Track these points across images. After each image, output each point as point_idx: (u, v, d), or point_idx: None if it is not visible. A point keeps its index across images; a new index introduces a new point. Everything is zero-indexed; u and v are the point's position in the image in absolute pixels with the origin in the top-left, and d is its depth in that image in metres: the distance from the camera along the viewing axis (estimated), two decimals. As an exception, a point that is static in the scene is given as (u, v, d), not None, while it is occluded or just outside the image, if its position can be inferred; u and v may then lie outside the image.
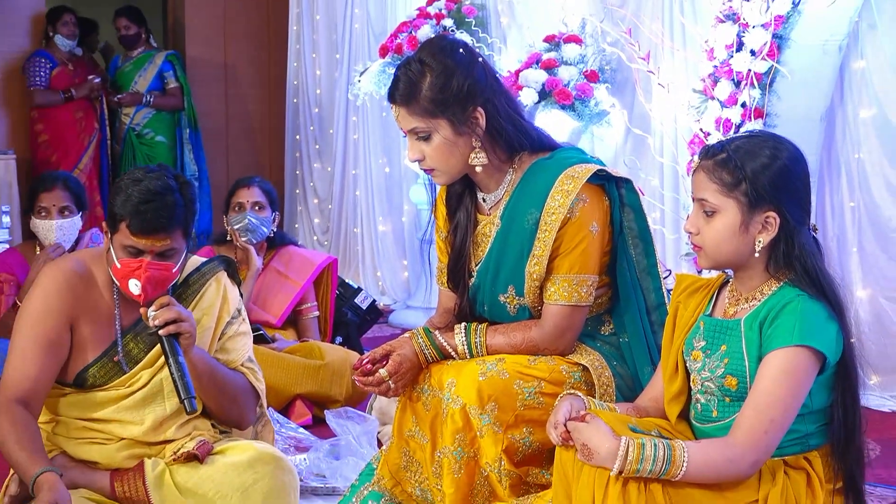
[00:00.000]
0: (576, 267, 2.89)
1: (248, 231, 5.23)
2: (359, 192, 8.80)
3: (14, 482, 3.21)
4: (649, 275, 3.01)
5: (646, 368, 2.97)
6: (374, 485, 3.07)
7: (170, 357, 3.12)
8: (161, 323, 3.11)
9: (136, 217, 3.13)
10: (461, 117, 2.88)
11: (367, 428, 4.19)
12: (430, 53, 2.92)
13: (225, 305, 3.44)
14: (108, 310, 3.32)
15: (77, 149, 8.96)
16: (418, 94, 2.89)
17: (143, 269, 3.15)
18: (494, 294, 3.01)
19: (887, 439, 4.71)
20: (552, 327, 2.91)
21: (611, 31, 6.40)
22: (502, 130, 2.93)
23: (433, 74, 2.88)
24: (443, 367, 2.90)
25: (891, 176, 5.35)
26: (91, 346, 3.28)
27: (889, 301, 5.37)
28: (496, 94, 2.94)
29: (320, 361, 5.04)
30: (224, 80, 10.23)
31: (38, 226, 5.00)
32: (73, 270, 3.30)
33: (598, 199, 2.92)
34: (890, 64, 5.32)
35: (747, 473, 2.49)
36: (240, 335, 3.47)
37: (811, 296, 2.51)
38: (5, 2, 9.23)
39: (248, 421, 3.47)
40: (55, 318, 3.23)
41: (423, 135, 2.94)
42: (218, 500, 3.23)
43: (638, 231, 2.99)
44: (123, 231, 3.16)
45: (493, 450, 2.76)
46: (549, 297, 2.92)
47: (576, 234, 2.87)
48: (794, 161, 2.57)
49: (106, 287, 3.32)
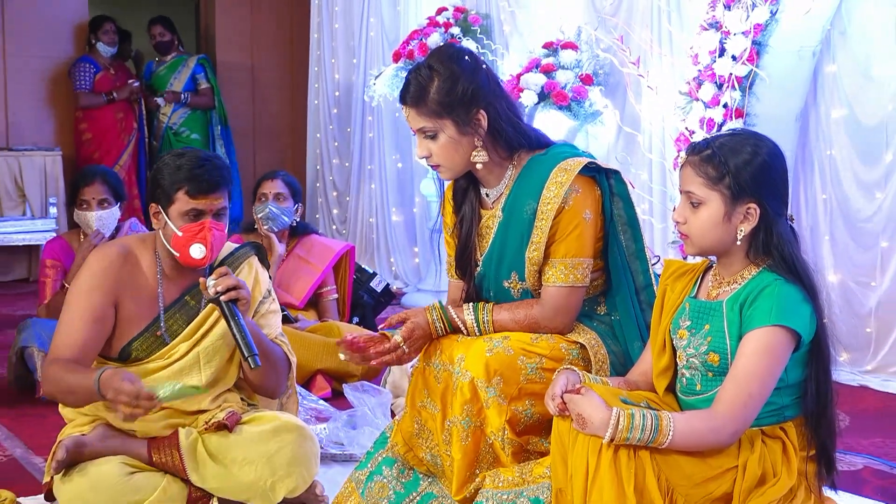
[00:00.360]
0: (571, 251, 2.89)
1: (268, 219, 5.24)
2: (374, 185, 8.80)
3: (61, 448, 3.21)
4: (637, 258, 3.01)
5: (635, 344, 2.97)
6: (387, 451, 3.07)
7: (231, 320, 3.12)
8: (223, 289, 3.12)
9: (194, 181, 3.19)
10: (465, 119, 2.89)
11: (381, 400, 4.19)
12: (438, 60, 2.93)
13: (257, 286, 3.45)
14: (151, 289, 3.33)
15: (118, 147, 9.01)
16: (427, 96, 2.90)
17: (207, 229, 3.19)
18: (499, 280, 3.01)
19: (856, 411, 4.71)
20: (551, 307, 2.91)
21: (604, 38, 6.40)
22: (502, 131, 2.94)
23: (440, 79, 2.89)
24: (453, 344, 2.91)
25: (860, 171, 5.35)
26: (135, 323, 3.30)
27: (858, 285, 5.36)
28: (497, 98, 2.95)
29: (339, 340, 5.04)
30: (251, 84, 10.25)
31: (80, 217, 5.02)
32: (118, 253, 3.32)
33: (589, 189, 2.92)
34: (859, 68, 5.31)
35: (728, 442, 2.49)
36: (271, 313, 3.49)
37: (787, 280, 2.51)
38: (51, 12, 9.29)
39: (281, 389, 3.47)
40: (101, 295, 3.24)
41: (430, 134, 2.94)
42: (246, 466, 3.24)
43: (627, 218, 2.99)
44: (182, 199, 3.21)
45: (497, 420, 2.76)
46: (548, 280, 2.92)
47: (570, 222, 2.88)
48: (773, 157, 2.57)
49: (149, 268, 3.34)
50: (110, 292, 3.26)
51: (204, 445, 3.24)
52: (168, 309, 3.33)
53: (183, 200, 3.20)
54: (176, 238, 3.22)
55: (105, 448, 3.22)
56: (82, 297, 3.23)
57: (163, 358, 3.31)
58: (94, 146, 8.93)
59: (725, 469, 2.49)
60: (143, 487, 3.16)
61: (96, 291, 3.24)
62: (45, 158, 8.81)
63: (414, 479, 3.02)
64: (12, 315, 7.14)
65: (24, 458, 4.07)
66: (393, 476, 3.03)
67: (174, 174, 3.21)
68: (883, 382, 5.11)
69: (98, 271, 3.27)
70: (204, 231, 3.19)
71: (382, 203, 8.70)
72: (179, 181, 3.20)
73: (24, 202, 8.72)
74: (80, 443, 3.20)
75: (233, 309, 3.12)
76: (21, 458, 4.07)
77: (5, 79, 9.16)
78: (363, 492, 3.04)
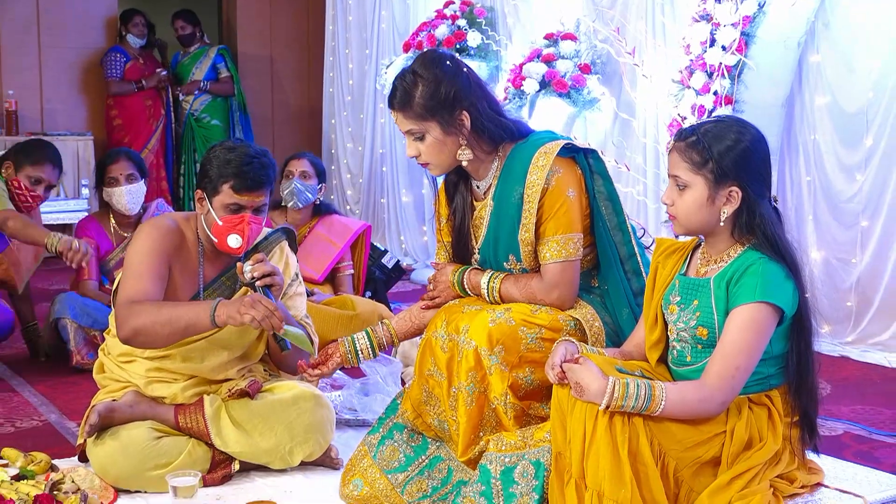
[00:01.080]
0: (560, 228, 2.90)
1: (293, 195, 5.26)
2: (385, 168, 8.79)
3: (94, 413, 3.23)
4: (620, 230, 3.02)
5: (623, 311, 2.98)
6: (398, 417, 3.08)
7: None
8: (259, 275, 3.11)
9: (240, 177, 3.18)
10: (449, 120, 2.91)
11: (392, 369, 4.20)
12: (422, 65, 2.94)
13: (287, 269, 3.46)
14: (193, 266, 3.34)
15: (147, 131, 9.02)
16: (412, 101, 2.92)
17: (245, 222, 3.19)
18: (499, 263, 3.02)
19: (837, 379, 4.71)
20: (548, 282, 2.92)
21: (602, 29, 6.37)
22: (485, 128, 2.95)
23: (424, 84, 2.90)
24: (459, 315, 2.91)
25: (842, 155, 5.33)
26: (177, 294, 3.30)
27: (839, 262, 5.36)
28: (478, 98, 2.95)
29: (352, 312, 5.05)
30: (270, 72, 10.24)
31: (109, 193, 5.01)
32: (169, 226, 3.32)
33: (570, 168, 2.93)
34: (842, 58, 5.29)
35: (717, 412, 2.49)
36: (298, 295, 3.50)
37: (770, 258, 2.51)
38: (82, 6, 9.33)
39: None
40: (160, 256, 3.23)
41: (417, 135, 2.95)
42: (266, 432, 3.26)
43: (607, 194, 3.01)
44: (226, 192, 3.20)
45: (500, 385, 2.77)
46: (543, 258, 2.93)
47: (556, 201, 2.89)
48: (755, 143, 2.56)
49: (192, 246, 3.35)
50: (167, 256, 3.26)
51: (227, 412, 3.25)
52: (207, 287, 3.34)
53: (227, 193, 3.20)
54: (216, 226, 3.23)
55: (135, 413, 3.23)
56: (144, 257, 3.21)
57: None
58: (125, 131, 8.95)
59: (714, 434, 2.50)
60: (170, 451, 3.18)
61: (156, 253, 3.23)
62: (77, 143, 8.83)
63: (423, 444, 3.03)
64: (47, 289, 7.15)
65: (59, 423, 4.09)
66: (403, 440, 3.04)
67: (223, 168, 3.19)
68: (862, 353, 5.11)
69: (157, 237, 3.26)
70: (243, 224, 3.20)
71: (393, 184, 8.70)
72: (226, 175, 3.19)
73: (59, 184, 8.73)
74: (112, 408, 3.21)
75: (267, 294, 3.12)
76: (56, 423, 4.09)
77: (41, 68, 9.18)
78: (375, 455, 3.05)
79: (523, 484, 2.66)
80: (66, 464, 3.34)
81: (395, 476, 2.99)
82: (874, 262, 5.20)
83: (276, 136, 10.23)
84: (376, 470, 3.03)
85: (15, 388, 4.62)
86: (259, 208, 3.24)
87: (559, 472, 2.52)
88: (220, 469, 3.27)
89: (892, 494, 2.65)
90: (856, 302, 5.27)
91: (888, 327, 5.12)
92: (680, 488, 2.48)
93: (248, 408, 3.26)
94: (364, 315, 5.06)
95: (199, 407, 3.25)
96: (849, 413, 4.21)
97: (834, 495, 2.63)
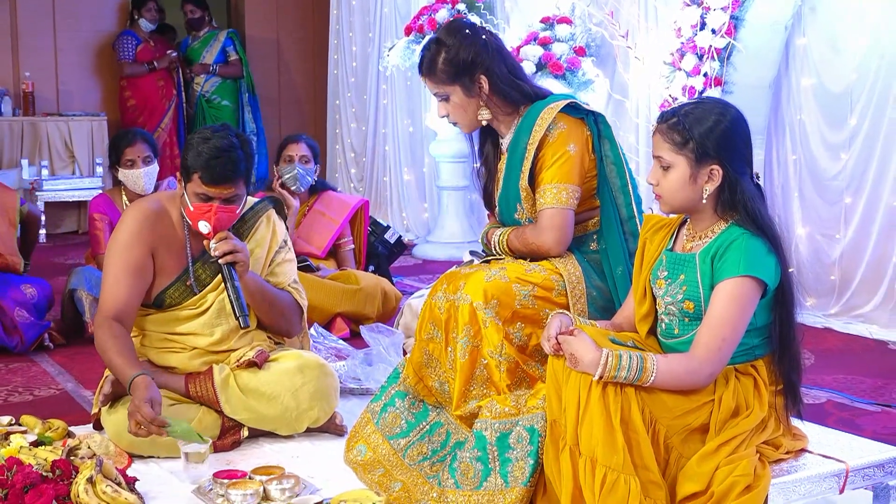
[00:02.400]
0: (556, 178, 2.96)
1: (296, 180, 5.22)
2: (388, 147, 8.78)
3: (108, 383, 3.23)
4: (622, 192, 3.07)
5: (619, 269, 3.02)
6: (399, 385, 3.08)
7: (227, 282, 3.15)
8: (220, 253, 3.14)
9: (207, 171, 3.14)
10: (469, 83, 3.04)
11: (394, 340, 4.20)
12: (444, 34, 3.09)
13: (274, 238, 3.45)
14: (180, 242, 3.33)
15: (160, 111, 9.03)
16: (435, 67, 3.06)
17: (213, 212, 3.17)
18: (511, 214, 3.09)
19: (820, 350, 4.71)
20: (539, 225, 2.98)
21: (596, 13, 6.36)
22: (502, 91, 3.06)
23: (445, 51, 3.04)
24: (457, 276, 2.95)
25: (827, 134, 5.33)
26: (167, 273, 3.30)
27: (824, 237, 5.36)
28: (497, 63, 3.06)
29: (356, 286, 5.05)
30: (276, 55, 10.23)
31: (126, 175, 4.98)
32: (151, 209, 3.31)
33: (577, 127, 3.00)
34: (827, 40, 5.28)
35: (705, 383, 2.49)
36: (287, 262, 3.48)
37: (753, 233, 2.50)
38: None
39: (295, 331, 3.50)
40: (139, 247, 3.24)
41: (443, 97, 3.09)
42: (273, 400, 3.26)
43: (613, 157, 3.07)
44: (196, 181, 3.17)
45: (495, 337, 2.80)
46: (539, 204, 2.99)
47: (555, 152, 2.96)
48: (735, 123, 2.56)
49: (178, 223, 3.33)
50: (147, 244, 3.25)
51: (235, 381, 3.26)
52: (196, 261, 3.33)
53: (197, 183, 3.17)
54: (188, 211, 3.22)
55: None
56: (123, 252, 3.23)
57: (194, 307, 3.32)
58: (139, 111, 8.95)
59: (703, 402, 2.50)
60: (181, 418, 3.18)
61: (135, 246, 3.23)
62: (91, 123, 8.84)
63: (423, 410, 3.03)
64: (63, 263, 7.15)
65: (75, 392, 4.10)
66: (405, 407, 3.04)
67: (195, 158, 3.16)
68: (845, 325, 5.12)
69: (135, 227, 3.26)
70: (210, 213, 3.17)
71: (395, 163, 8.69)
72: (196, 167, 3.16)
73: (74, 162, 8.75)
74: (125, 378, 3.21)
75: (230, 271, 3.14)
76: (72, 392, 4.10)
77: (56, 51, 9.20)
78: (378, 422, 3.05)
79: (519, 449, 2.67)
80: (82, 431, 3.35)
81: (398, 441, 3.00)
82: (857, 237, 5.20)
83: (283, 116, 10.23)
84: (379, 436, 3.03)
85: (33, 358, 4.63)
86: (229, 199, 3.20)
87: (554, 439, 2.52)
88: (229, 435, 3.27)
89: (872, 460, 2.66)
90: (839, 276, 5.27)
91: (870, 300, 5.12)
92: (670, 454, 2.48)
93: (256, 377, 3.26)
94: (367, 289, 5.07)
95: (208, 376, 3.25)
96: (832, 382, 4.21)
97: (817, 461, 2.64)
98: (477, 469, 2.71)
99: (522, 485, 2.64)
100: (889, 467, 2.68)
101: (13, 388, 4.15)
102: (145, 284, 3.26)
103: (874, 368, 4.43)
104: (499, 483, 2.67)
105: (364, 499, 2.70)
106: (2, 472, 2.71)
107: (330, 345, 4.39)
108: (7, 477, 2.69)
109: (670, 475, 2.48)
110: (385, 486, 2.90)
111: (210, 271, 3.32)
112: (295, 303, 3.45)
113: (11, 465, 2.74)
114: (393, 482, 2.91)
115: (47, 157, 8.65)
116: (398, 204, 8.68)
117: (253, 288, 3.26)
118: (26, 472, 2.70)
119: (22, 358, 4.61)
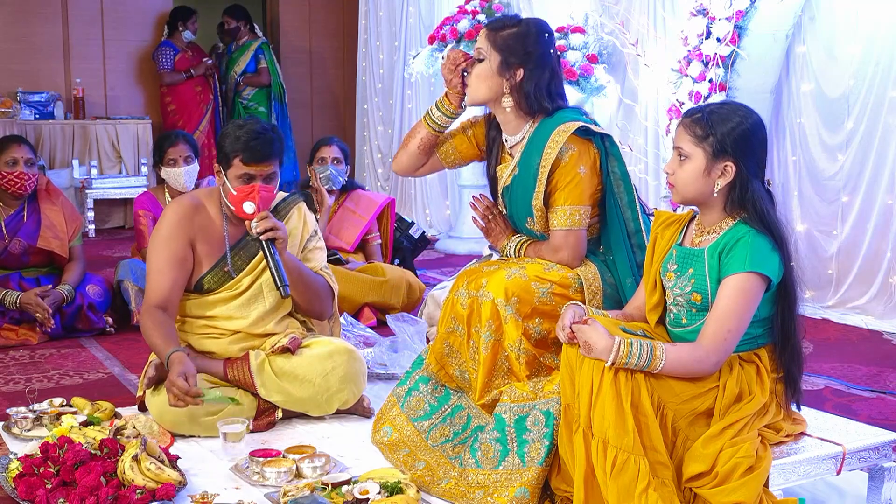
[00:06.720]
0: (569, 200, 2.92)
1: (328, 180, 5.23)
2: (412, 148, 8.76)
3: (152, 367, 3.25)
4: (629, 208, 3.02)
5: (627, 280, 2.99)
6: (423, 371, 3.08)
7: (268, 256, 3.17)
8: (262, 230, 3.16)
9: (248, 151, 3.20)
10: (509, 64, 2.95)
11: (418, 329, 4.19)
12: (532, 22, 3.03)
13: (305, 227, 3.47)
14: (218, 232, 3.35)
15: (198, 115, 9.06)
16: (501, 32, 2.98)
17: (256, 191, 3.21)
18: (522, 222, 3.08)
19: (818, 340, 4.69)
20: (553, 245, 2.96)
21: (608, 23, 6.33)
22: (528, 93, 2.97)
23: (519, 29, 2.97)
24: (480, 275, 2.94)
25: (825, 136, 5.30)
26: (206, 260, 3.33)
27: (821, 233, 5.33)
28: (542, 70, 2.97)
29: (383, 278, 5.05)
30: (309, 63, 10.28)
31: (169, 173, 5.01)
32: (190, 203, 3.35)
33: (585, 148, 2.94)
34: (825, 49, 5.25)
35: (711, 371, 2.48)
36: (317, 249, 3.51)
37: (759, 232, 2.49)
38: (141, 2, 9.41)
39: (327, 312, 3.51)
40: (179, 240, 3.27)
41: (481, 57, 3.00)
42: (305, 382, 3.27)
43: (620, 175, 3.01)
44: (237, 165, 3.22)
45: (515, 333, 2.80)
46: (552, 224, 2.96)
47: (567, 175, 2.91)
48: (755, 127, 2.54)
49: (216, 215, 3.37)
50: (186, 237, 3.29)
51: (270, 365, 3.26)
52: (233, 248, 3.35)
53: (238, 166, 3.22)
54: (231, 195, 3.24)
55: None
56: (165, 245, 3.27)
57: (231, 289, 3.34)
58: (178, 115, 8.99)
59: (708, 388, 2.49)
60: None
61: (176, 238, 3.27)
62: (137, 125, 8.88)
63: (445, 394, 3.03)
64: (111, 256, 7.18)
65: (122, 376, 4.11)
66: (428, 392, 3.04)
67: (233, 143, 3.22)
68: (841, 316, 5.09)
69: (175, 221, 3.30)
70: (254, 192, 3.21)
71: (419, 163, 8.67)
72: (236, 150, 3.21)
73: (120, 162, 8.80)
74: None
75: (271, 247, 3.18)
76: (119, 376, 4.11)
77: (104, 59, 9.27)
78: (403, 405, 3.05)
79: (535, 431, 2.66)
80: (128, 412, 3.37)
81: (421, 423, 3.00)
82: (853, 233, 5.18)
83: (315, 119, 10.28)
84: (404, 418, 3.03)
85: (83, 344, 4.65)
86: (269, 177, 3.26)
87: (568, 422, 2.51)
88: (264, 417, 3.28)
89: (868, 443, 2.64)
90: (836, 270, 5.26)
91: (865, 293, 5.11)
92: (677, 436, 2.47)
93: (289, 362, 3.27)
94: (393, 281, 5.06)
95: (245, 361, 3.26)
96: (829, 370, 4.19)
97: (816, 443, 2.62)
98: (496, 449, 2.71)
99: (538, 464, 2.64)
100: (883, 450, 2.66)
101: (64, 372, 4.17)
102: (186, 273, 3.29)
103: (869, 357, 4.40)
104: (516, 462, 2.67)
105: (390, 476, 2.70)
106: (54, 450, 2.74)
107: (358, 332, 4.39)
108: (59, 454, 2.72)
109: (677, 456, 2.47)
110: (410, 465, 2.90)
111: (245, 257, 3.35)
112: (327, 285, 3.46)
113: (63, 443, 2.76)
114: (417, 461, 2.91)
115: (96, 157, 8.70)
116: (422, 202, 8.68)
117: (291, 266, 3.28)
118: (76, 450, 2.72)
119: (73, 343, 4.63)
